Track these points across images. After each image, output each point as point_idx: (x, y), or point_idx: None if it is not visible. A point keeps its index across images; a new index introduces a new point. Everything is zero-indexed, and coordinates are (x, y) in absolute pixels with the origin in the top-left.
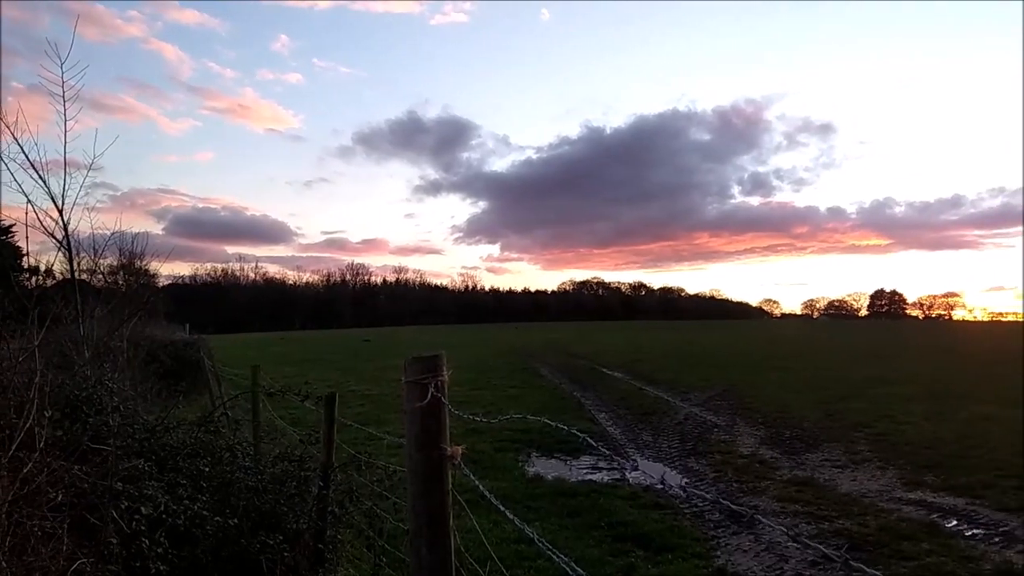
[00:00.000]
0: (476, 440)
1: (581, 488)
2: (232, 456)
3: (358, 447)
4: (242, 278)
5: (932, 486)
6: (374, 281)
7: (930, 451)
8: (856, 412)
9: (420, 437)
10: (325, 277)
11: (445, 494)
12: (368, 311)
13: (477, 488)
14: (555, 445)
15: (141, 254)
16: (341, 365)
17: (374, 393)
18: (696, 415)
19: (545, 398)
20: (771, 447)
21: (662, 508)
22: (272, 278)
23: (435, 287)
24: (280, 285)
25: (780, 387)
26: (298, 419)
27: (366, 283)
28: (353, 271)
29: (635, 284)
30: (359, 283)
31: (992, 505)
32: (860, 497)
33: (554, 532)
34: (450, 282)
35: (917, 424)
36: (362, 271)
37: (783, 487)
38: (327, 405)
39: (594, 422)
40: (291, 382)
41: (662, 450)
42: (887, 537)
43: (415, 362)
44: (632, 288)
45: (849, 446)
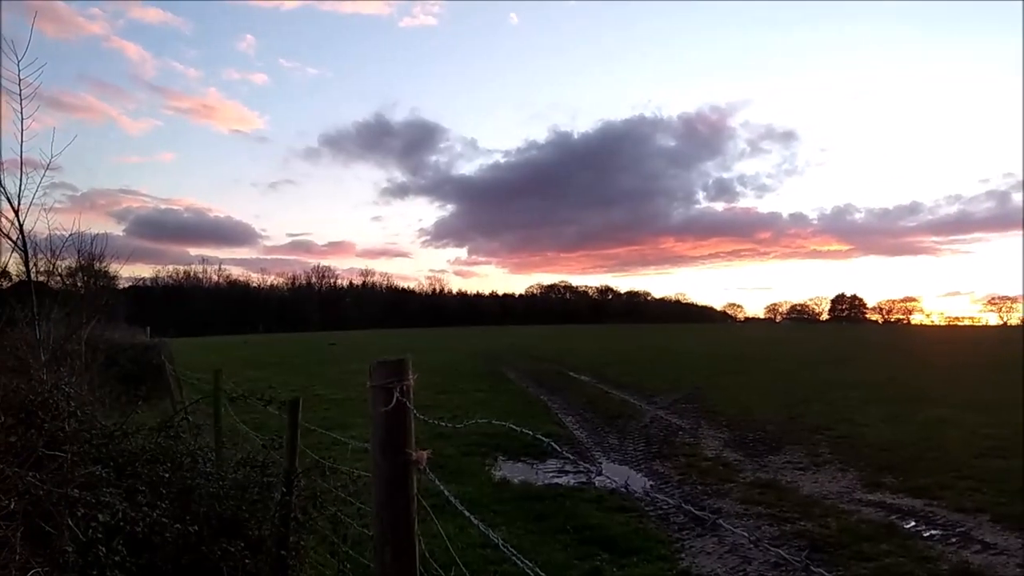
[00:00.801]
0: (443, 444)
1: (547, 492)
2: (193, 462)
3: (323, 452)
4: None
5: (891, 487)
6: (340, 284)
7: (889, 453)
8: (817, 415)
9: (385, 442)
10: (290, 280)
11: (410, 499)
12: (334, 314)
13: (443, 493)
14: (522, 449)
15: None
16: (306, 369)
17: (340, 397)
18: (662, 418)
19: (512, 402)
20: (735, 450)
21: (627, 511)
22: (236, 280)
23: (402, 290)
24: (244, 287)
25: (743, 390)
26: (261, 424)
27: (332, 286)
28: (319, 274)
29: (602, 288)
30: (325, 286)
31: (949, 506)
32: (821, 499)
33: (520, 536)
34: (417, 285)
35: (876, 427)
36: (328, 274)
37: (746, 489)
38: (290, 410)
39: (561, 425)
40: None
41: (628, 453)
42: (847, 538)
43: (380, 366)
44: (599, 292)
45: (810, 448)
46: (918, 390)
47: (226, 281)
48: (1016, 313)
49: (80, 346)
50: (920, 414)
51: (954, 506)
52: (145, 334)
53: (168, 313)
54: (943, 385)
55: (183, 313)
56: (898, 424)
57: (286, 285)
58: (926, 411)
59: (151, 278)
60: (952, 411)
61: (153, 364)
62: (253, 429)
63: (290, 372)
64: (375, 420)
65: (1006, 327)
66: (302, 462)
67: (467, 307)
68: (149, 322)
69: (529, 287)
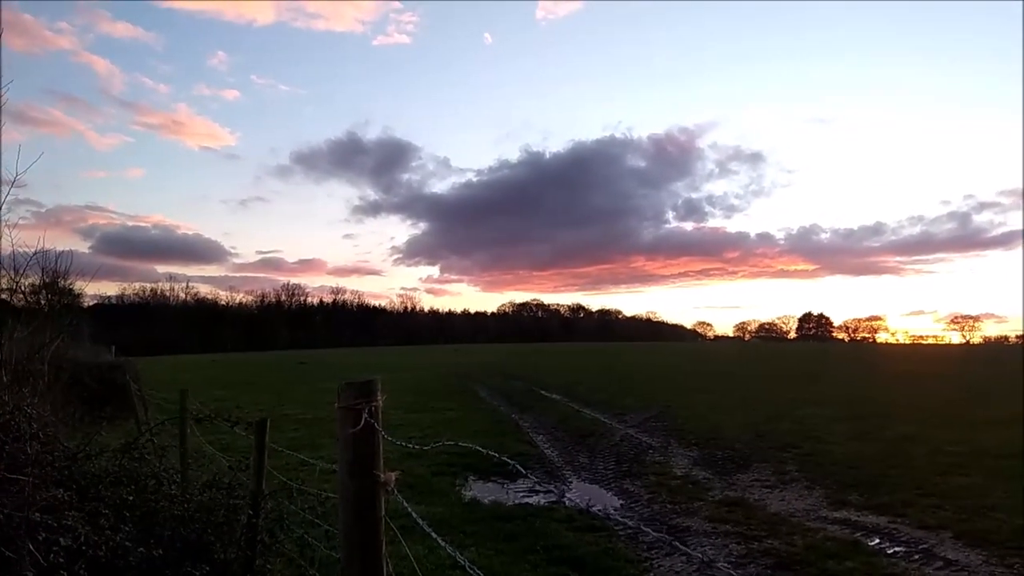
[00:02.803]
0: (413, 464)
1: (518, 512)
2: (157, 484)
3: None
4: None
5: (856, 505)
6: (311, 302)
7: (854, 470)
8: (785, 433)
9: (353, 464)
10: (259, 298)
11: (378, 521)
12: (304, 333)
13: (412, 514)
14: (493, 468)
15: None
16: (275, 388)
17: (309, 417)
18: (632, 437)
19: (483, 420)
20: (704, 468)
21: (597, 530)
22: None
23: (373, 308)
24: (212, 305)
25: (713, 408)
26: (228, 445)
27: (302, 304)
28: (289, 292)
29: (574, 306)
30: (295, 304)
31: (913, 523)
32: (788, 516)
33: (490, 557)
34: (389, 303)
35: (842, 444)
36: (298, 292)
37: (715, 507)
38: (257, 431)
39: (531, 444)
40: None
41: (598, 472)
42: (813, 556)
43: (348, 387)
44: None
45: (778, 466)
46: (883, 408)
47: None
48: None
49: (43, 366)
50: (885, 431)
51: (917, 523)
52: (110, 353)
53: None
54: (907, 403)
55: (150, 331)
56: (864, 441)
57: (255, 303)
58: (891, 429)
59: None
60: (916, 428)
61: (118, 384)
62: (220, 450)
63: (259, 391)
64: (343, 441)
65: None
66: (269, 484)
67: (439, 325)
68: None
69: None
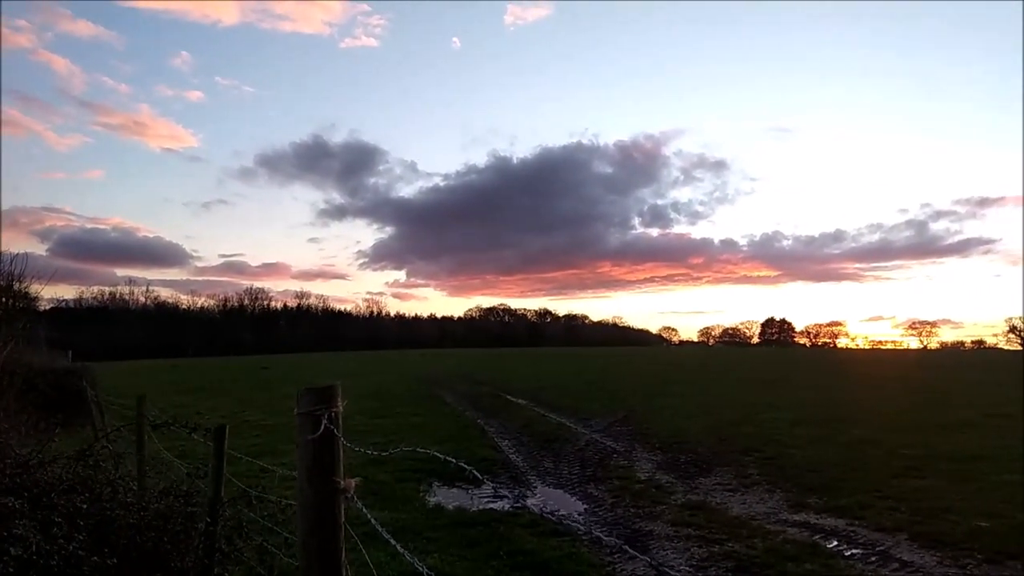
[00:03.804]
0: (376, 470)
1: (482, 517)
2: (113, 492)
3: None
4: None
5: (815, 508)
6: (274, 306)
7: (814, 474)
8: (747, 437)
9: (312, 470)
10: (222, 302)
11: (337, 528)
12: (268, 337)
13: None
14: (457, 473)
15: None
16: (237, 394)
17: (271, 424)
18: (597, 441)
19: (449, 426)
20: (667, 472)
21: (561, 535)
22: (164, 302)
23: (339, 313)
24: (173, 309)
25: (677, 413)
26: (188, 452)
27: (266, 308)
28: (252, 296)
29: (541, 311)
30: (258, 308)
31: (870, 525)
32: (749, 520)
33: (453, 563)
34: (354, 308)
35: (803, 448)
36: (261, 296)
37: (678, 511)
38: (216, 437)
39: (496, 449)
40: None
41: (563, 476)
42: (773, 559)
43: (308, 393)
44: (538, 315)
45: (740, 470)
46: (843, 412)
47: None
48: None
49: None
50: (844, 436)
51: (874, 525)
52: (67, 358)
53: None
54: (866, 407)
55: (108, 336)
56: (824, 445)
57: (217, 307)
58: (850, 433)
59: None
60: (874, 432)
61: (74, 389)
62: (178, 457)
63: (220, 397)
64: (301, 448)
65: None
66: (228, 491)
67: (405, 330)
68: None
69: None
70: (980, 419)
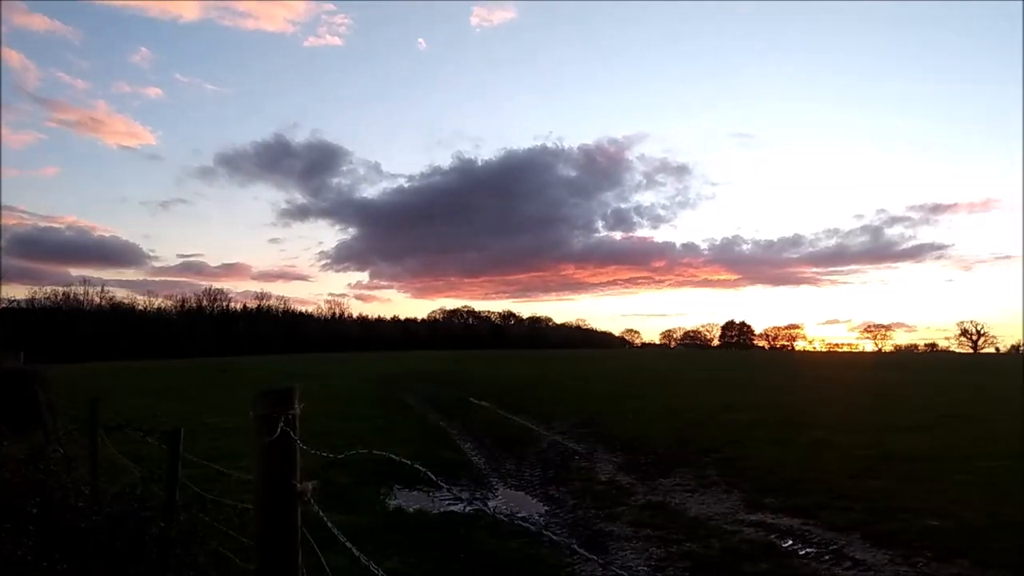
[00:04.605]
0: (337, 473)
1: (443, 520)
2: (64, 496)
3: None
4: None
5: (772, 508)
6: (234, 307)
7: (772, 475)
8: (706, 438)
9: (268, 474)
10: (179, 303)
11: (294, 532)
12: (227, 339)
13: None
14: (418, 476)
15: None
16: (195, 396)
17: (229, 426)
18: (559, 443)
19: (412, 429)
20: (628, 473)
21: (521, 537)
22: (120, 303)
23: (300, 314)
24: (129, 310)
25: (638, 414)
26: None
27: (225, 309)
28: (211, 297)
29: (504, 313)
30: (217, 309)
31: (824, 525)
32: (707, 520)
33: (413, 566)
34: (316, 309)
35: (761, 449)
36: (220, 297)
37: (637, 512)
38: (171, 440)
39: (459, 452)
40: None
41: (525, 478)
42: (729, 559)
43: (265, 396)
44: (501, 317)
45: (699, 471)
46: (800, 413)
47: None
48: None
49: None
50: (801, 436)
51: (829, 525)
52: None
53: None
54: (823, 408)
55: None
56: (781, 446)
57: (175, 308)
58: (807, 434)
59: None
60: (830, 433)
61: (25, 392)
62: (133, 461)
63: (177, 400)
64: (258, 451)
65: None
66: (184, 495)
67: (368, 332)
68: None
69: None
70: (932, 421)
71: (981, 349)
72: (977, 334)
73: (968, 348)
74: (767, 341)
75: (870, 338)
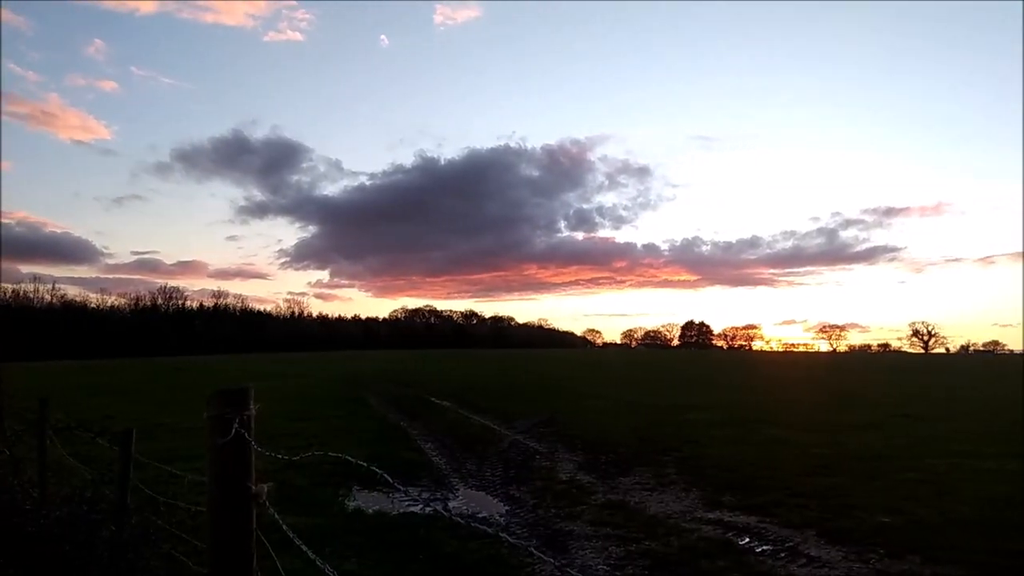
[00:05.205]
0: (295, 475)
1: (402, 521)
2: (12, 499)
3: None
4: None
5: (729, 506)
6: (190, 306)
7: (729, 473)
8: (666, 437)
9: (221, 475)
10: (134, 301)
11: (248, 535)
12: (182, 338)
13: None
14: (378, 477)
15: None
16: (149, 397)
17: (184, 427)
18: (520, 443)
19: (372, 429)
20: (588, 472)
21: (481, 537)
22: (72, 301)
23: (258, 313)
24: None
25: (599, 414)
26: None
27: (181, 308)
28: (166, 295)
29: (467, 313)
30: (172, 308)
31: (780, 522)
32: (666, 518)
33: (371, 568)
34: (275, 308)
35: (719, 447)
36: (176, 295)
37: (597, 511)
38: (122, 442)
39: (420, 452)
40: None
41: (486, 478)
42: (687, 556)
43: (218, 396)
44: (464, 317)
45: (658, 470)
46: (757, 412)
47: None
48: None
49: None
50: (758, 435)
51: (785, 522)
52: None
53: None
54: (779, 408)
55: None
56: (738, 445)
57: (129, 307)
58: (764, 432)
59: None
60: (787, 432)
61: None
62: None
63: (131, 400)
64: (211, 453)
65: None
66: (136, 497)
67: (328, 331)
68: None
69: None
70: (885, 419)
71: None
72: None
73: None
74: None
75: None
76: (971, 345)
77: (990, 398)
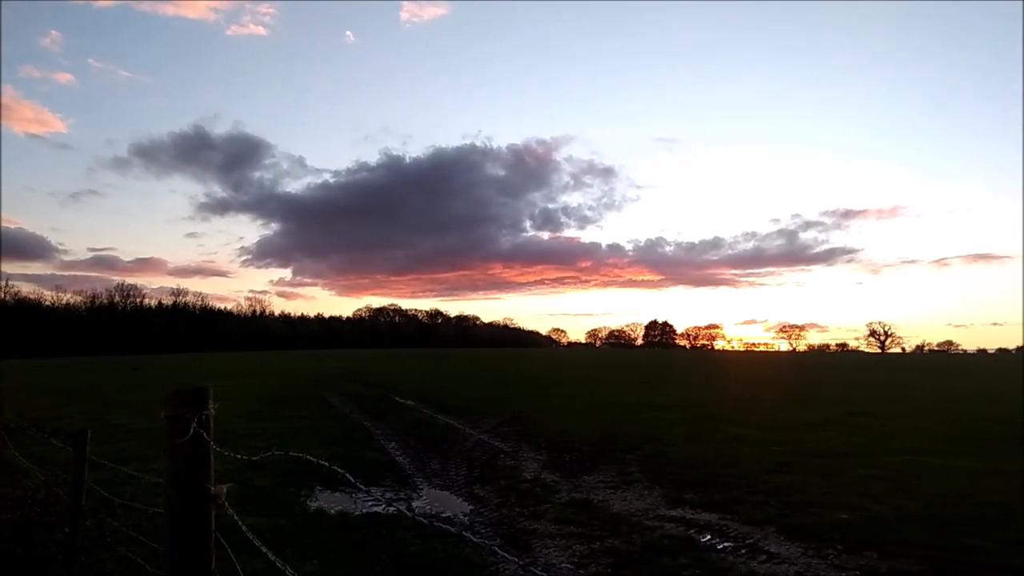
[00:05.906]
0: (256, 475)
1: (365, 521)
2: None
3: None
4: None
5: (691, 503)
6: (148, 304)
7: (691, 471)
8: (629, 435)
9: (179, 476)
10: (90, 298)
11: (207, 537)
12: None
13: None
14: (341, 477)
15: None
16: (105, 396)
17: (141, 428)
18: (485, 442)
19: (335, 429)
20: (552, 471)
21: (445, 537)
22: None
23: (219, 311)
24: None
25: (563, 413)
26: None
27: (138, 306)
28: (123, 292)
29: (432, 312)
30: (130, 306)
31: (741, 519)
32: (629, 516)
33: (334, 569)
34: (236, 306)
35: (681, 446)
36: (134, 293)
37: (561, 509)
38: (76, 442)
39: (383, 452)
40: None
41: (450, 478)
42: (650, 554)
43: (176, 395)
44: (429, 316)
45: (622, 468)
46: (719, 411)
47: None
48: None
49: None
50: (720, 433)
51: (745, 519)
52: None
53: None
54: (740, 406)
55: None
56: (700, 443)
57: (85, 304)
58: (725, 430)
59: None
60: (747, 430)
61: None
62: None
63: (87, 400)
64: (169, 453)
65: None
66: (91, 499)
67: (290, 330)
68: None
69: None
70: (843, 417)
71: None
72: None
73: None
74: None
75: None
76: (926, 345)
77: (943, 397)
